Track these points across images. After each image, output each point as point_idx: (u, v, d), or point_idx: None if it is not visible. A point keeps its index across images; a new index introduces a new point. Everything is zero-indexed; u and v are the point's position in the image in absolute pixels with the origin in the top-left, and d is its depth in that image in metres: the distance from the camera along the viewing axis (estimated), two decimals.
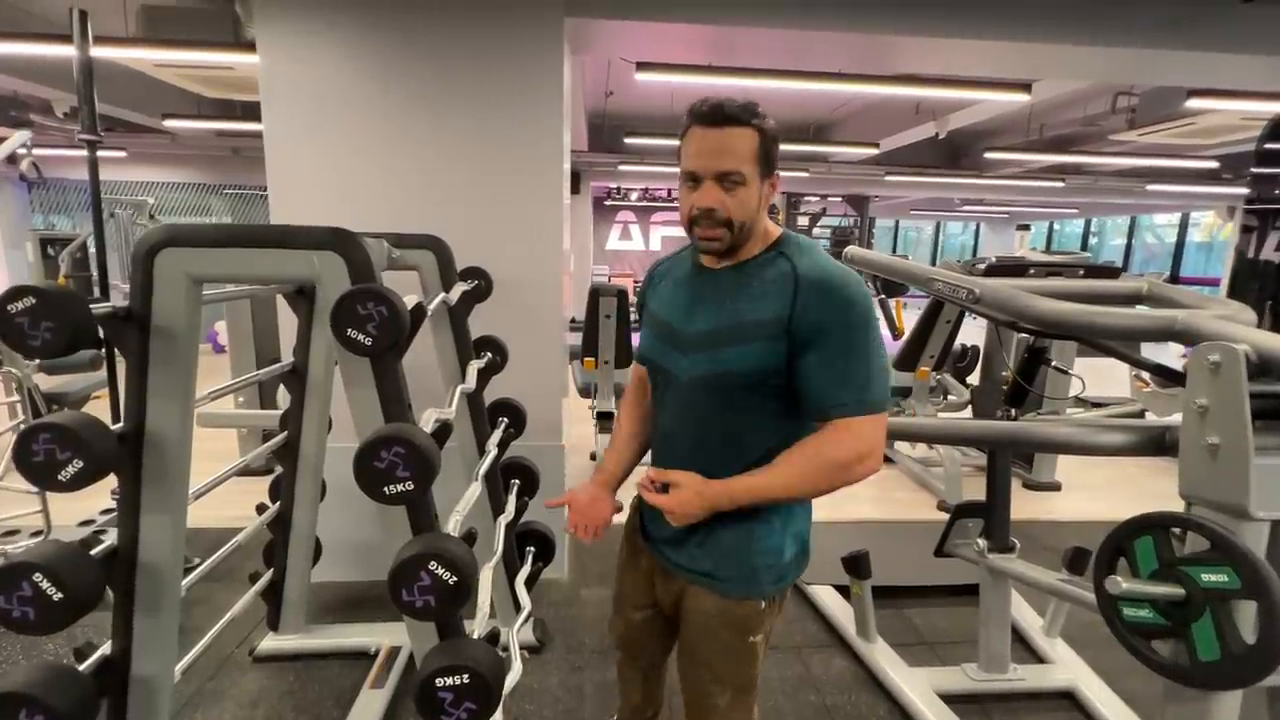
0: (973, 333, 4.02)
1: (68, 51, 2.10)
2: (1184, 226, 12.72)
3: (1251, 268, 2.94)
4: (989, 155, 6.04)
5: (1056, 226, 16.01)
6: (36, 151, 3.77)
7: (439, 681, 1.09)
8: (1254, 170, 2.98)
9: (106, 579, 1.13)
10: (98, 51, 2.22)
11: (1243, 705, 1.14)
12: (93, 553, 1.10)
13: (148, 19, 3.58)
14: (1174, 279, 12.32)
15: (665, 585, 1.22)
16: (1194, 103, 3.62)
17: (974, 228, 17.50)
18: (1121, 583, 1.10)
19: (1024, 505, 3.46)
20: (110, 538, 1.19)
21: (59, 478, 1.00)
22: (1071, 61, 3.22)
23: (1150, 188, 8.34)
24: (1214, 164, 6.26)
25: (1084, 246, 14.70)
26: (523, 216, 2.34)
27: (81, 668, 1.14)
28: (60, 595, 1.00)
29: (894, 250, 17.51)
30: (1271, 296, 2.92)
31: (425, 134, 2.27)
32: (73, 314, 0.97)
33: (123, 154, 7.32)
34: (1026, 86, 3.59)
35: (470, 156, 2.29)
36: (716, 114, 1.00)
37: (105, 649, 1.20)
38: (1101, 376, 3.73)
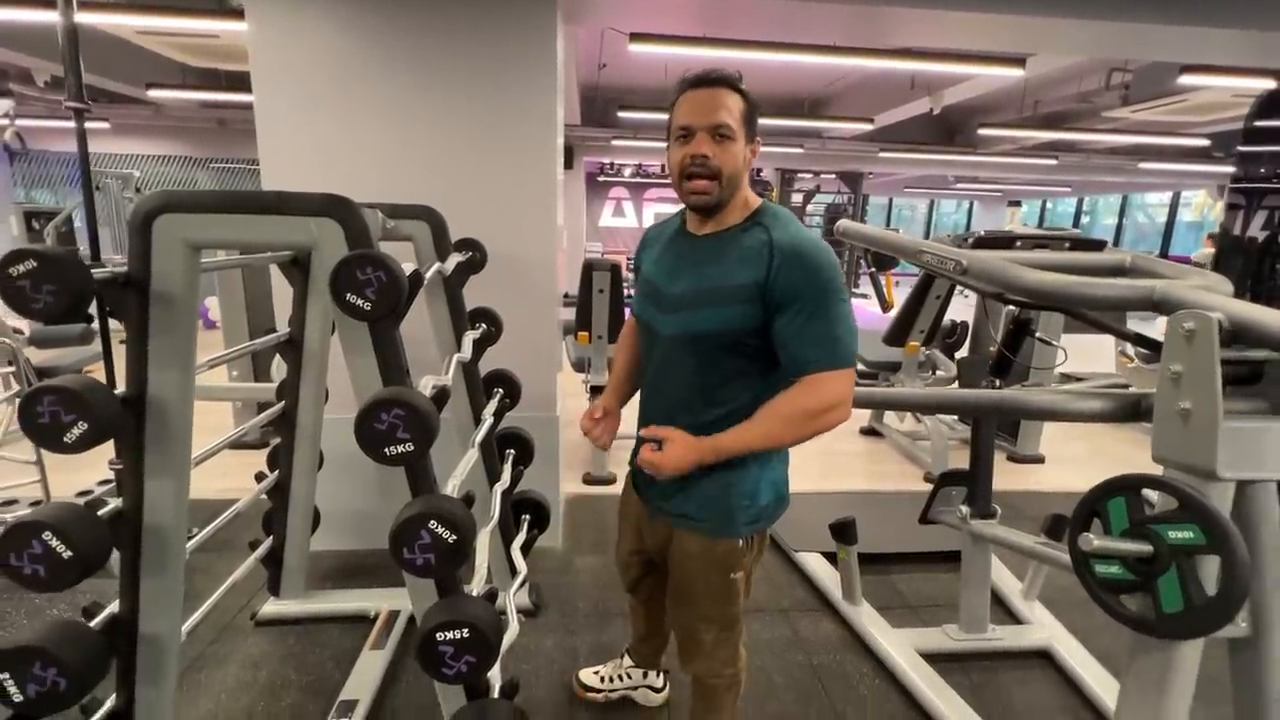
0: (963, 309, 4.07)
1: (50, 17, 2.06)
2: (1175, 205, 12.78)
3: (1235, 244, 2.98)
4: (983, 132, 6.03)
5: (1050, 205, 16.05)
6: (17, 122, 3.70)
7: (440, 636, 1.14)
8: (1241, 148, 3.01)
9: (113, 539, 1.16)
10: (79, 17, 2.18)
11: (1210, 660, 1.20)
12: (100, 514, 1.13)
13: None
14: (1163, 257, 12.41)
15: (652, 531, 1.35)
16: (1186, 79, 3.63)
17: (968, 206, 17.49)
18: (1093, 540, 1.15)
19: (1008, 477, 3.54)
20: (110, 507, 1.21)
21: (64, 440, 1.02)
22: (1065, 35, 3.21)
23: (1142, 166, 8.37)
24: (1205, 142, 6.28)
25: (1076, 225, 14.76)
26: (516, 190, 2.33)
27: (92, 624, 1.17)
28: (70, 553, 1.03)
29: (887, 227, 17.51)
30: (1254, 274, 2.97)
31: (418, 104, 2.25)
32: (74, 277, 0.98)
33: (105, 125, 7.18)
34: (1020, 61, 3.58)
35: (463, 128, 2.28)
36: (708, 77, 1.13)
37: (114, 608, 1.23)
38: (1091, 354, 3.79)
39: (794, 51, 3.74)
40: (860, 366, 4.04)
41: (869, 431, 4.20)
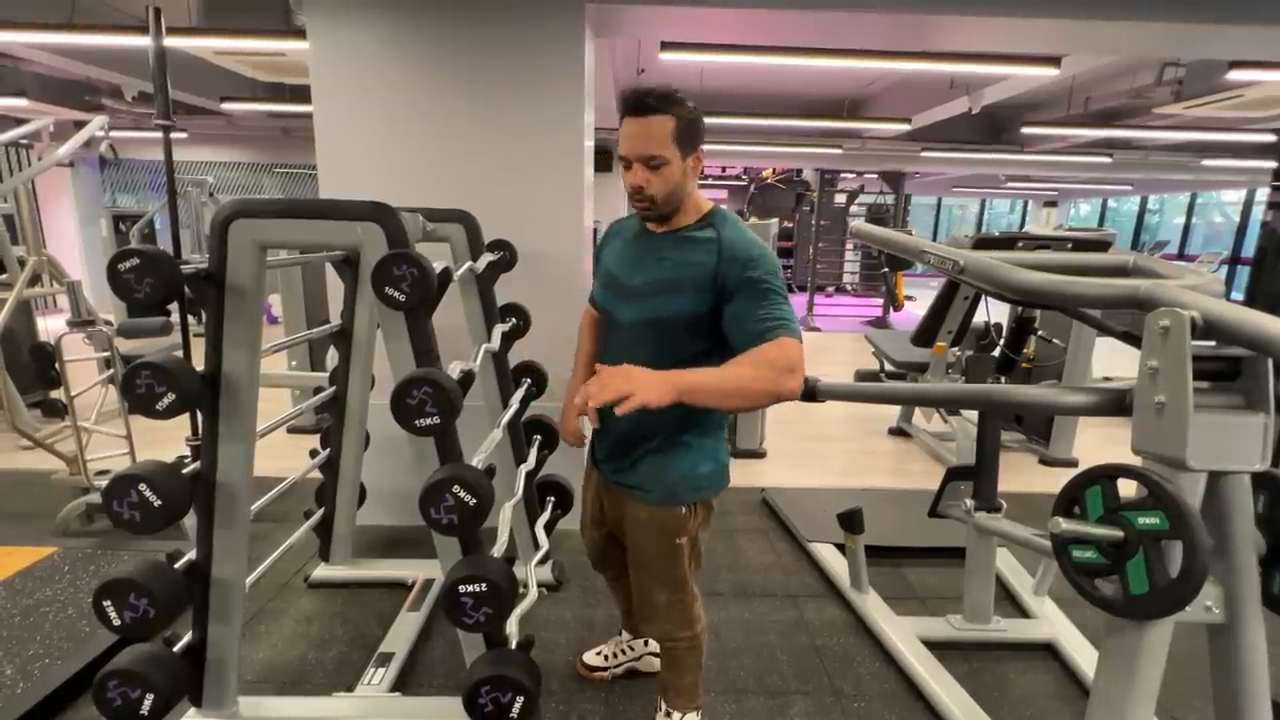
0: (1000, 312, 4.02)
1: (141, 42, 2.33)
2: (1248, 204, 12.04)
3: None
4: (1025, 130, 5.89)
5: (1113, 204, 15.32)
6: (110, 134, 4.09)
7: (462, 589, 1.30)
8: None
9: (192, 494, 1.37)
10: (168, 42, 2.46)
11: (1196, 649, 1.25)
12: (183, 472, 1.33)
13: (207, 7, 3.84)
14: (1234, 259, 11.73)
15: (611, 501, 1.48)
16: (1236, 74, 3.52)
17: (1021, 205, 16.90)
18: (1062, 523, 1.22)
19: (1039, 479, 3.51)
20: (190, 468, 1.42)
21: (157, 407, 1.23)
22: (1104, 36, 3.16)
23: (1207, 163, 7.97)
24: (1271, 137, 5.95)
25: (1139, 225, 14.07)
26: (547, 194, 2.50)
27: (175, 566, 1.38)
28: (160, 502, 1.23)
29: (935, 228, 17.06)
30: None
31: (459, 116, 2.45)
32: (167, 272, 1.19)
33: (184, 135, 7.77)
34: (1056, 61, 3.54)
35: (499, 137, 2.46)
36: (639, 105, 1.20)
37: (191, 554, 1.44)
38: (1129, 360, 3.70)
39: (826, 56, 3.79)
40: (888, 366, 4.06)
41: (897, 432, 4.21)
